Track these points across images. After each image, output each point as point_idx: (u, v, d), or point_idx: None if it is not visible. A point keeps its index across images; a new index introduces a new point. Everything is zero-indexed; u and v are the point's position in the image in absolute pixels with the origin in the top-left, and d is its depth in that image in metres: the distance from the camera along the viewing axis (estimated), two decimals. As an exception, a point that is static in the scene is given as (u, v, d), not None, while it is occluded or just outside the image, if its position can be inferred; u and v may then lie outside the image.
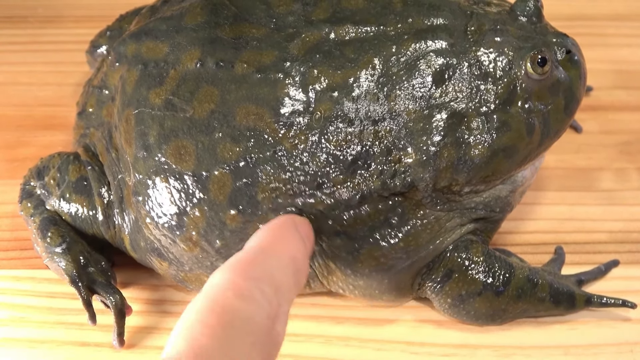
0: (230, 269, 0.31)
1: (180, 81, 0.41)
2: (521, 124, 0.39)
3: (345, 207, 0.38)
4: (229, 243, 0.40)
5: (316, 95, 0.38)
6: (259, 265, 0.32)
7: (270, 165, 0.38)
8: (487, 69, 0.39)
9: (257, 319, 0.30)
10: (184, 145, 0.40)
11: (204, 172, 0.39)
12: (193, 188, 0.39)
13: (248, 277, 0.31)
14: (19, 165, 0.53)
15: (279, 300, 0.31)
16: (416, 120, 0.38)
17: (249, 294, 0.30)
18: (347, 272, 0.41)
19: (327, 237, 0.39)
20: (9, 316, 0.45)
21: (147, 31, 0.44)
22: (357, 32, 0.40)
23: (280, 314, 0.31)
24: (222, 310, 0.29)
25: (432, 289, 0.42)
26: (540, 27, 0.41)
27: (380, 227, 0.39)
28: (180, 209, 0.40)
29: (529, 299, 0.42)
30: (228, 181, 0.39)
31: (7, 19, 0.67)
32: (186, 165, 0.39)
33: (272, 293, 0.31)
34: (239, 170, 0.39)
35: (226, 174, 0.39)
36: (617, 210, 0.50)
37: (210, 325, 0.28)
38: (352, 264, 0.40)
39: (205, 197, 0.39)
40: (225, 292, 0.30)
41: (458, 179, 0.39)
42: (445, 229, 0.41)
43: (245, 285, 0.30)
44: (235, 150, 0.39)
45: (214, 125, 0.39)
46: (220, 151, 0.39)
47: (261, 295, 0.30)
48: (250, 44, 0.40)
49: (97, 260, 0.45)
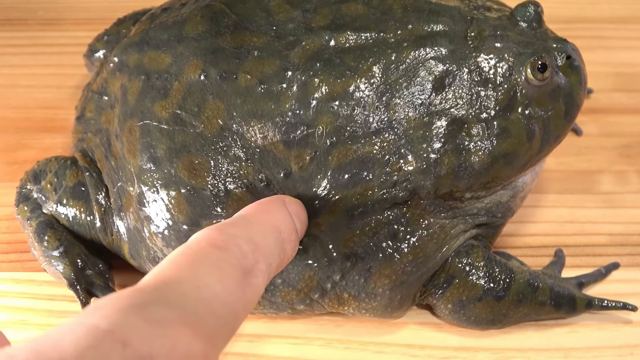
0: (210, 227, 0.31)
1: (185, 94, 0.40)
2: (521, 130, 0.39)
3: (348, 222, 0.38)
4: None
5: (317, 106, 0.38)
6: (239, 226, 0.32)
7: (283, 185, 0.38)
8: (487, 75, 0.39)
9: (226, 263, 0.29)
10: (198, 161, 0.39)
11: (222, 189, 0.39)
12: (210, 203, 0.39)
13: (225, 232, 0.30)
14: (19, 168, 0.53)
15: (255, 256, 0.30)
16: (416, 128, 0.38)
17: (222, 245, 0.30)
18: (361, 297, 0.40)
19: (338, 265, 0.39)
20: (9, 319, 0.45)
21: (148, 40, 0.43)
22: (357, 39, 0.40)
23: (255, 270, 0.30)
24: (192, 252, 0.29)
25: (433, 295, 0.42)
26: (540, 32, 0.40)
27: (387, 241, 0.39)
28: (193, 221, 0.40)
29: (530, 304, 0.42)
30: (247, 200, 0.39)
31: (7, 22, 0.67)
32: (202, 181, 0.39)
33: (249, 249, 0.30)
34: (255, 189, 0.39)
35: (244, 193, 0.39)
36: (618, 213, 0.50)
37: (177, 262, 0.28)
38: (365, 286, 0.40)
39: (223, 213, 0.39)
40: (199, 241, 0.30)
41: (459, 185, 0.39)
42: (450, 237, 0.41)
43: (220, 237, 0.30)
44: (250, 170, 0.39)
45: (226, 144, 0.39)
46: (235, 169, 0.39)
47: (235, 247, 0.30)
48: (252, 53, 0.40)
49: (94, 263, 0.45)
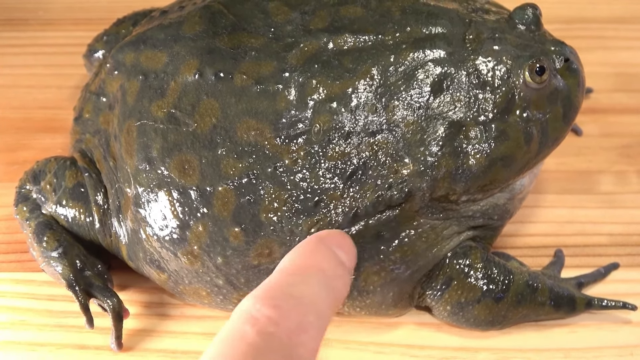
0: (246, 308, 0.29)
1: (181, 93, 0.40)
2: (519, 133, 0.39)
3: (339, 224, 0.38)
4: (230, 261, 0.40)
5: (315, 107, 0.38)
6: (276, 288, 0.30)
7: (271, 182, 0.38)
8: (485, 77, 0.39)
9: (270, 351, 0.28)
10: (188, 159, 0.39)
11: (208, 187, 0.39)
12: (197, 203, 0.39)
13: (261, 310, 0.29)
14: (19, 168, 0.52)
15: (299, 311, 0.29)
16: (414, 131, 0.38)
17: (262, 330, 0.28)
18: (353, 295, 0.40)
19: None
20: (9, 319, 0.45)
21: (144, 39, 0.43)
22: (355, 41, 0.39)
23: (303, 327, 0.29)
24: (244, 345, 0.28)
25: (431, 297, 0.42)
26: (538, 35, 0.40)
27: (374, 240, 0.39)
28: (183, 222, 0.40)
29: (529, 304, 0.42)
30: (232, 198, 0.39)
31: (7, 22, 0.67)
32: (190, 180, 0.39)
33: (291, 306, 0.29)
34: (242, 186, 0.39)
35: (230, 190, 0.39)
36: (617, 213, 0.50)
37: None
38: (356, 284, 0.40)
39: (209, 212, 0.39)
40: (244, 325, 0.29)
41: (456, 188, 0.39)
42: (442, 237, 0.41)
43: (259, 322, 0.29)
44: (238, 167, 0.39)
45: (217, 141, 0.39)
46: (223, 167, 0.39)
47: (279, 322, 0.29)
48: (249, 54, 0.40)
49: (93, 264, 0.45)
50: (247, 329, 0.28)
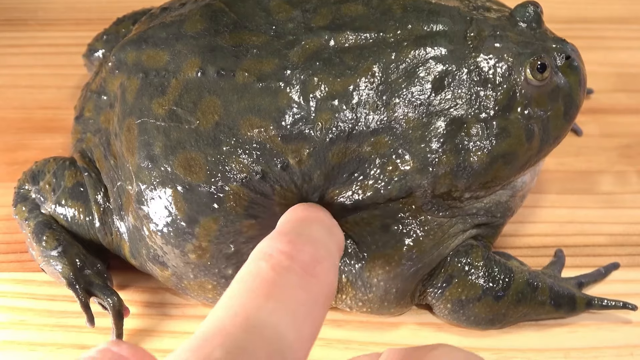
0: (261, 250, 0.30)
1: (182, 91, 0.40)
2: (520, 130, 0.39)
3: (342, 213, 0.39)
4: (241, 249, 0.40)
5: (316, 104, 0.38)
6: (285, 232, 0.32)
7: (280, 178, 0.38)
8: (486, 75, 0.39)
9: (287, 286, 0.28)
10: (193, 157, 0.39)
11: (218, 184, 0.39)
12: (207, 199, 0.39)
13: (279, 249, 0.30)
14: (19, 168, 0.52)
15: (311, 248, 0.30)
16: (415, 128, 0.38)
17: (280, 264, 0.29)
18: (357, 285, 0.41)
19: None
20: (9, 319, 0.45)
21: (146, 38, 0.43)
22: (356, 38, 0.40)
23: (317, 260, 0.30)
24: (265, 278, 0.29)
25: (432, 295, 0.42)
26: (539, 32, 0.40)
27: (379, 232, 0.39)
28: (191, 218, 0.40)
29: (529, 303, 0.42)
30: (243, 194, 0.39)
31: (7, 22, 0.67)
32: (197, 177, 0.39)
33: (304, 242, 0.30)
34: (251, 183, 0.39)
35: (240, 188, 0.39)
36: (617, 213, 0.50)
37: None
38: (361, 273, 0.40)
39: (221, 208, 0.39)
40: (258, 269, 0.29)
41: (457, 185, 0.39)
42: (448, 235, 0.41)
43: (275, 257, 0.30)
44: (245, 164, 0.39)
45: (221, 138, 0.39)
46: (230, 164, 0.39)
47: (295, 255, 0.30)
48: (251, 52, 0.40)
49: (93, 263, 0.45)
50: (262, 265, 0.29)
